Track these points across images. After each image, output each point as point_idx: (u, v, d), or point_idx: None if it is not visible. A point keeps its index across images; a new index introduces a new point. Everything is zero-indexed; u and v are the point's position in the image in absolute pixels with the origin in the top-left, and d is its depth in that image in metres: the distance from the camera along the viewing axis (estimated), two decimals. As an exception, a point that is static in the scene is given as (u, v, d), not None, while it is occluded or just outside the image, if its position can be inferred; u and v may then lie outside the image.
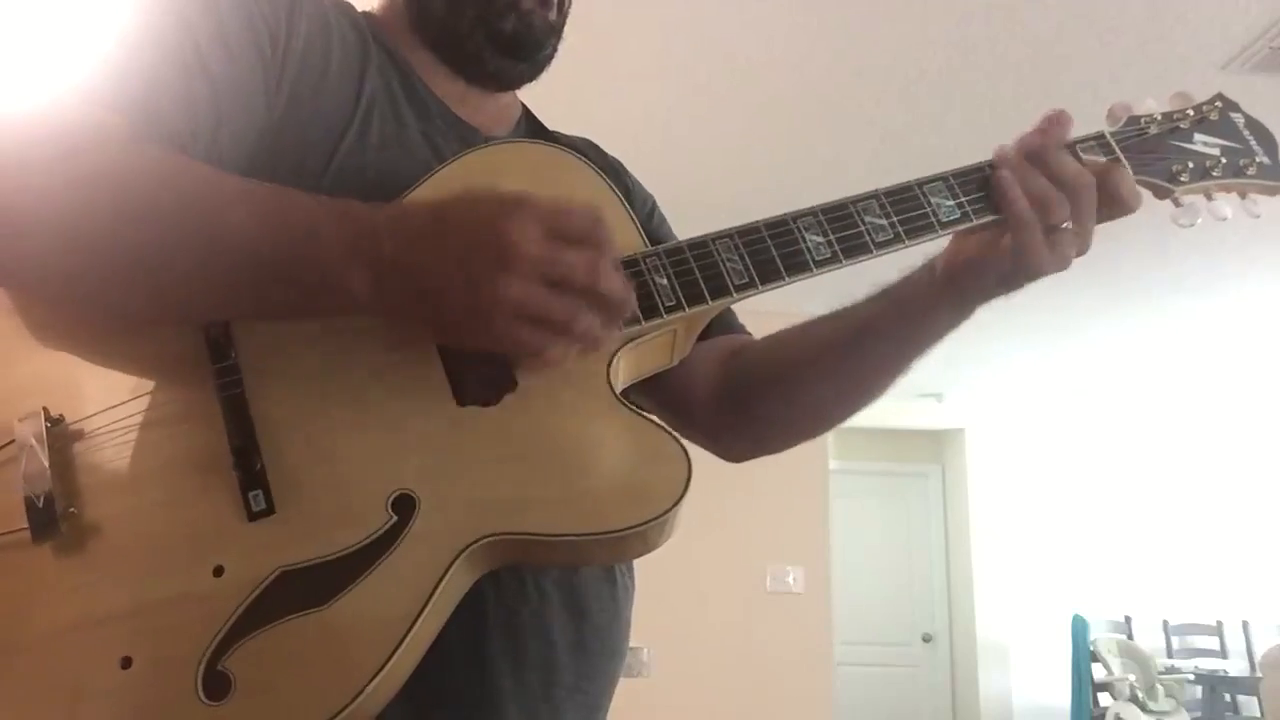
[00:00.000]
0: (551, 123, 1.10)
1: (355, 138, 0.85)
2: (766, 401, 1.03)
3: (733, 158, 3.71)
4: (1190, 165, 0.95)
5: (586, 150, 1.09)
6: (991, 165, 0.90)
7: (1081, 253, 0.89)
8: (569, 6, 1.01)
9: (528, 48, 0.97)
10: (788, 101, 3.30)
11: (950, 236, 0.92)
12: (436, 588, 0.67)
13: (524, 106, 1.08)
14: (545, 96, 1.06)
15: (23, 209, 0.65)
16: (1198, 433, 7.46)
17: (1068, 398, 7.24)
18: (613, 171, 1.09)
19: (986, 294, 0.92)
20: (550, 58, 1.01)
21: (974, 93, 3.18)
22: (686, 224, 1.12)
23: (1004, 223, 0.88)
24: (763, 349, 1.06)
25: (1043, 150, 0.89)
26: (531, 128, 1.08)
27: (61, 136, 0.68)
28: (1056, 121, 0.92)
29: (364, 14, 0.98)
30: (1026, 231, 0.86)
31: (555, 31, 0.99)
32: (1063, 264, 0.88)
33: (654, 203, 1.13)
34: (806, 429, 1.06)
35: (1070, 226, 0.87)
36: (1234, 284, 4.79)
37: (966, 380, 6.63)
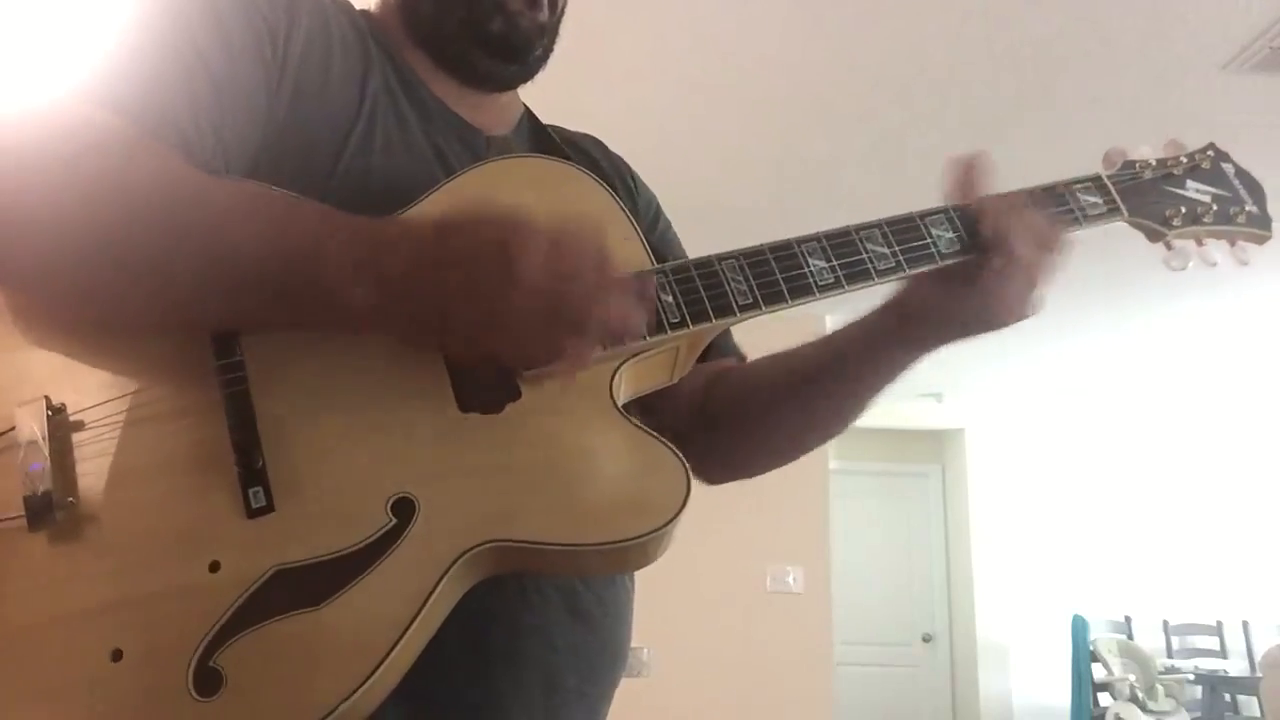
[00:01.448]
0: (548, 120, 1.09)
1: (360, 140, 0.85)
2: (731, 429, 1.05)
3: (729, 156, 3.70)
4: (1182, 210, 0.99)
5: (591, 148, 1.09)
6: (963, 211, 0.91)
7: (1035, 311, 0.91)
8: (563, 6, 1.00)
9: (516, 49, 0.97)
10: (784, 100, 3.29)
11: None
12: (432, 592, 0.67)
13: (525, 105, 1.08)
14: (540, 94, 1.06)
15: (24, 210, 0.65)
16: (1197, 433, 7.46)
17: (1068, 398, 7.24)
18: (616, 171, 1.09)
19: (941, 340, 0.94)
20: (543, 59, 1.00)
21: (972, 92, 3.18)
22: (682, 223, 1.12)
23: (984, 261, 0.89)
24: (737, 376, 1.08)
25: (1016, 206, 0.90)
26: (533, 126, 1.07)
27: (64, 138, 0.67)
28: (976, 167, 0.93)
29: (363, 13, 0.98)
30: (1022, 280, 0.88)
31: (546, 32, 0.98)
32: (1022, 316, 0.91)
33: (658, 205, 1.13)
34: (772, 456, 1.08)
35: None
36: (1233, 284, 4.78)
37: (966, 380, 6.63)
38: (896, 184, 0.86)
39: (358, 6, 0.98)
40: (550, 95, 1.09)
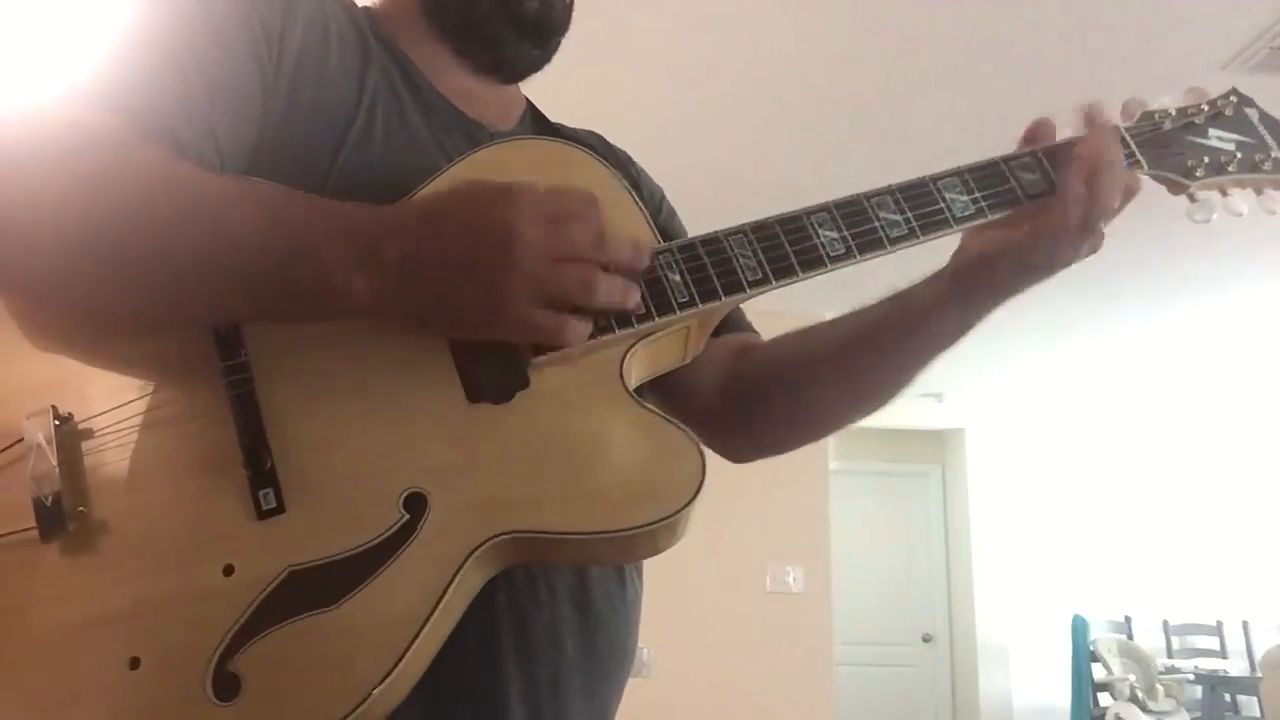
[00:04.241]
0: (556, 111, 1.09)
1: (359, 136, 0.85)
2: (772, 402, 1.03)
3: (734, 154, 3.71)
4: (1205, 160, 0.95)
5: (593, 144, 1.08)
6: (1008, 159, 0.91)
7: (1093, 250, 0.90)
8: None
9: (548, 31, 0.97)
10: (790, 97, 3.30)
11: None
12: (448, 587, 0.67)
13: (528, 100, 1.08)
14: (548, 84, 1.06)
15: (18, 209, 0.65)
16: (1198, 433, 7.46)
17: (1068, 398, 7.24)
18: (619, 164, 1.09)
19: (996, 293, 0.92)
20: (558, 47, 1.01)
21: (972, 91, 3.18)
22: (689, 216, 1.12)
23: (1023, 215, 0.89)
24: (771, 349, 1.06)
25: (1115, 141, 0.90)
26: (536, 121, 1.07)
27: (58, 137, 0.67)
28: (1042, 129, 0.93)
29: (364, 10, 0.97)
30: (1066, 230, 0.87)
31: (569, 19, 0.99)
32: (1073, 261, 0.89)
33: (662, 194, 1.13)
34: (811, 431, 1.06)
35: (1100, 229, 0.88)
36: (1234, 284, 4.79)
37: (966, 380, 6.62)
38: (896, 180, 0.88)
39: (359, 3, 0.98)
40: (557, 85, 1.09)
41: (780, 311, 1.08)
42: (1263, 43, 2.80)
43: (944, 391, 7.09)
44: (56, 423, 0.69)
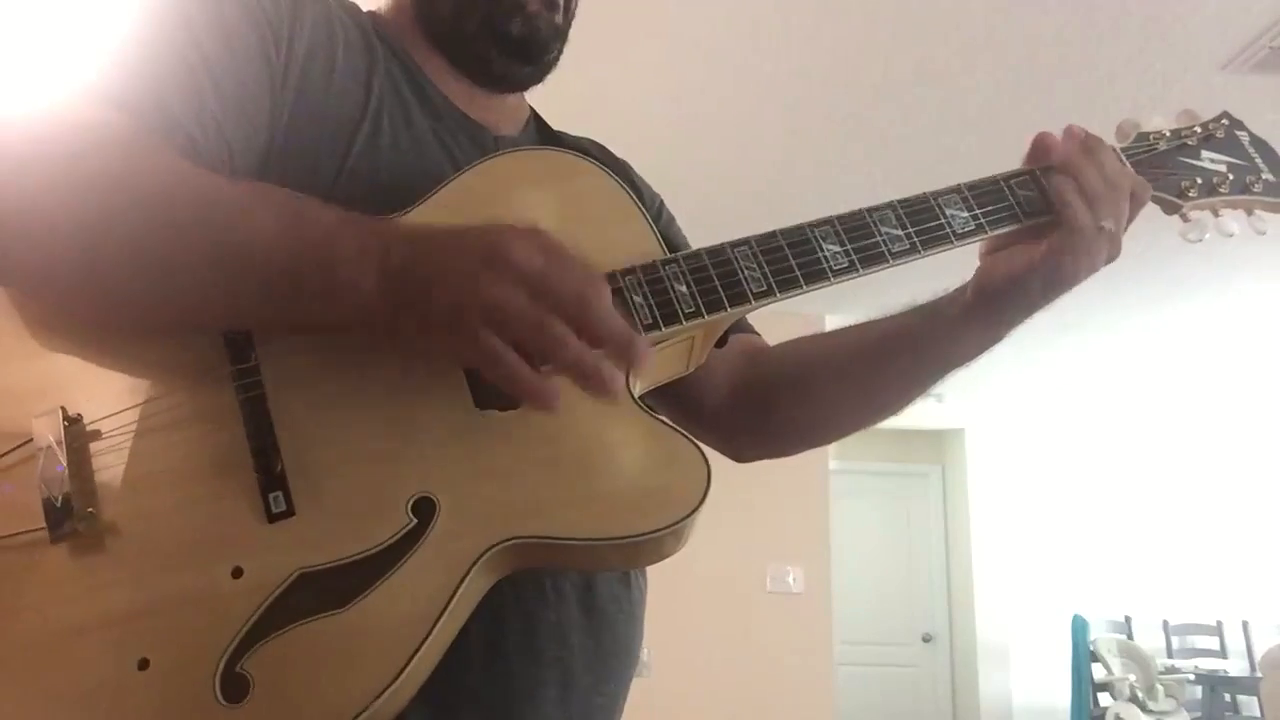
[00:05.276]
0: (551, 120, 1.09)
1: (366, 139, 0.85)
2: (784, 405, 1.04)
3: (736, 158, 3.71)
4: (1198, 181, 0.97)
5: (595, 153, 1.09)
6: (1007, 177, 0.91)
7: (1112, 257, 0.90)
8: (574, 10, 1.01)
9: (533, 50, 0.97)
10: (789, 101, 3.30)
11: (979, 258, 0.94)
12: (456, 591, 0.67)
13: (531, 108, 1.08)
14: (552, 90, 1.06)
15: (28, 210, 0.65)
16: (1197, 433, 7.47)
17: (1067, 398, 7.24)
18: (621, 173, 1.09)
19: (1019, 310, 0.93)
20: (555, 61, 1.01)
21: (972, 93, 3.18)
22: (690, 220, 1.12)
23: (1025, 232, 0.89)
24: (784, 353, 1.07)
25: (1094, 147, 0.90)
26: (540, 128, 1.08)
27: (67, 136, 0.67)
28: (1039, 146, 0.93)
29: (370, 14, 0.98)
30: (1079, 236, 0.87)
31: (561, 35, 0.99)
32: (1094, 268, 0.89)
33: (661, 202, 1.13)
34: (821, 435, 1.08)
35: (1107, 228, 0.89)
36: (1233, 285, 4.79)
37: (966, 380, 6.61)
38: (897, 185, 0.87)
39: (364, 7, 0.98)
40: (553, 92, 1.09)
41: (788, 311, 1.08)
42: (1263, 43, 2.79)
43: (944, 391, 7.06)
44: (66, 423, 0.69)
